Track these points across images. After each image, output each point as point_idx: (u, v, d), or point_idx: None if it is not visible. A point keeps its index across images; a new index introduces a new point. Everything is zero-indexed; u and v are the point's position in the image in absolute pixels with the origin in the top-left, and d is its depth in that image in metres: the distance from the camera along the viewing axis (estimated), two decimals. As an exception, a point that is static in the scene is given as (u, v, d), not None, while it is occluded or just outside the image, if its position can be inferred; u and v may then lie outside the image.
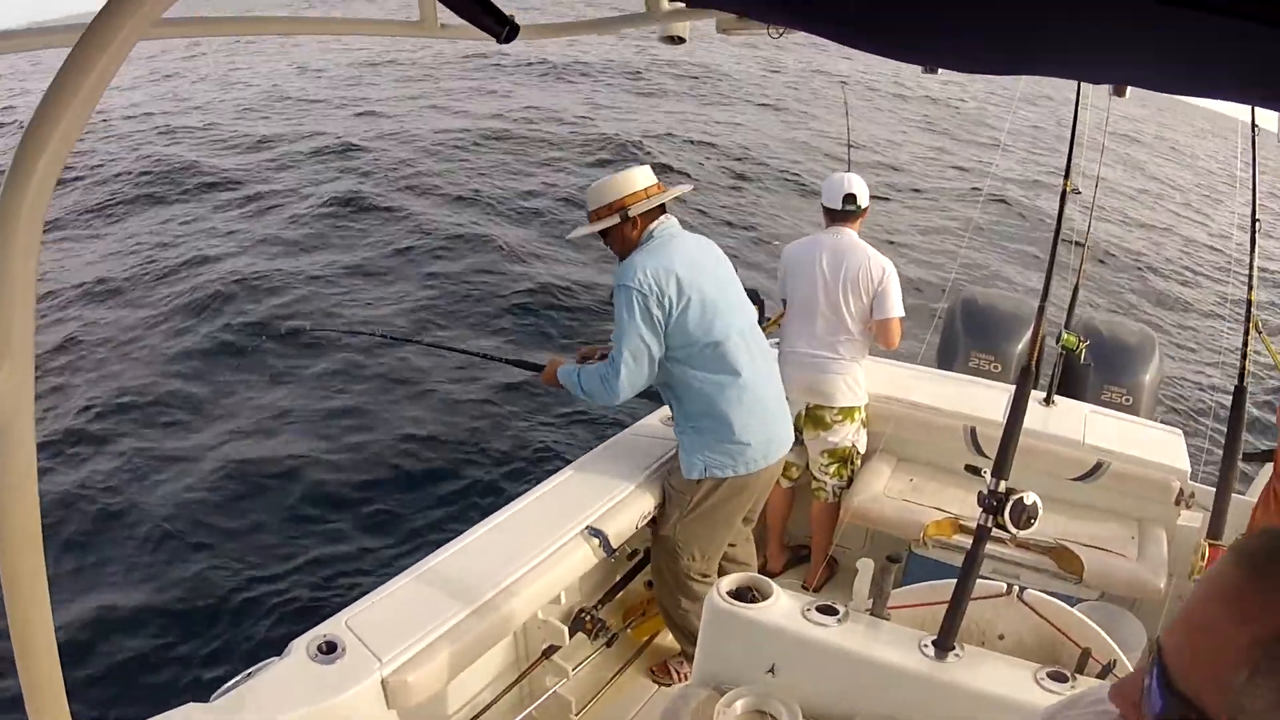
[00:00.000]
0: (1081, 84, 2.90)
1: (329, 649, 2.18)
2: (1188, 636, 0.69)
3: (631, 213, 2.91)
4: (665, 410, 3.78)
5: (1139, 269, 13.19)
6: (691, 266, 2.92)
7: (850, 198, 3.72)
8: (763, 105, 20.48)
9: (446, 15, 1.18)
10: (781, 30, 1.52)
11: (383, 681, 2.19)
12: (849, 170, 3.90)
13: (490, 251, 9.57)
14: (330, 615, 2.34)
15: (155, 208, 11.06)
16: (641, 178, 2.96)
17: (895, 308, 3.69)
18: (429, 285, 8.73)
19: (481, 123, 15.25)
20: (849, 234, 3.74)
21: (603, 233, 2.99)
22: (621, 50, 23.92)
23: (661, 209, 2.99)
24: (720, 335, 2.94)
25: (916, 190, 15.05)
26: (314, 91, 18.57)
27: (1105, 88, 2.89)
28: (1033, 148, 20.47)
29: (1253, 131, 2.79)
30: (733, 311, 3.02)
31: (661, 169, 10.22)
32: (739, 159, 14.86)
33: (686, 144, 15.05)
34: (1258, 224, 2.78)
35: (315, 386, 6.88)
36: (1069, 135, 3.19)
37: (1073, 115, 3.15)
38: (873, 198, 3.89)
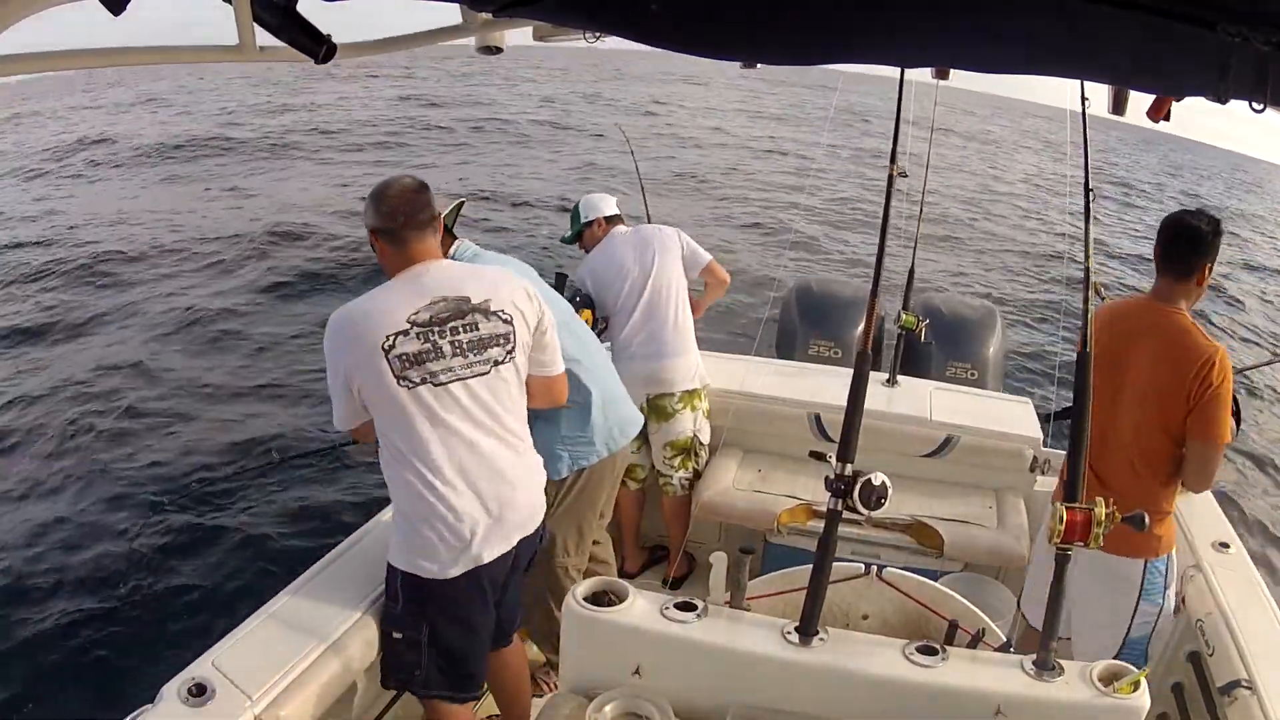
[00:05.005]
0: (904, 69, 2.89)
1: (199, 691, 2.13)
2: None
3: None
4: None
5: (977, 249, 13.71)
6: None
7: (616, 204, 3.90)
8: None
9: (265, 38, 1.23)
10: (597, 35, 1.51)
11: (257, 719, 2.16)
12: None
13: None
14: (193, 656, 2.28)
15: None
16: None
17: (705, 253, 3.85)
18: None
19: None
20: (625, 226, 3.87)
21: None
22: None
23: (450, 235, 2.89)
24: None
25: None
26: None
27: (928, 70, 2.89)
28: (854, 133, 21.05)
29: (1082, 104, 2.83)
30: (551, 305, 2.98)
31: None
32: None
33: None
34: (1091, 193, 2.83)
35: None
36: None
37: (897, 99, 3.17)
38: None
